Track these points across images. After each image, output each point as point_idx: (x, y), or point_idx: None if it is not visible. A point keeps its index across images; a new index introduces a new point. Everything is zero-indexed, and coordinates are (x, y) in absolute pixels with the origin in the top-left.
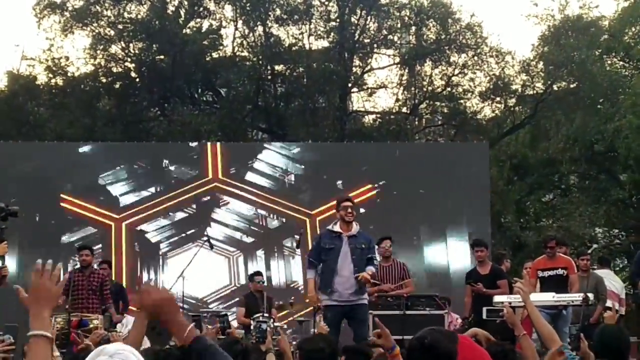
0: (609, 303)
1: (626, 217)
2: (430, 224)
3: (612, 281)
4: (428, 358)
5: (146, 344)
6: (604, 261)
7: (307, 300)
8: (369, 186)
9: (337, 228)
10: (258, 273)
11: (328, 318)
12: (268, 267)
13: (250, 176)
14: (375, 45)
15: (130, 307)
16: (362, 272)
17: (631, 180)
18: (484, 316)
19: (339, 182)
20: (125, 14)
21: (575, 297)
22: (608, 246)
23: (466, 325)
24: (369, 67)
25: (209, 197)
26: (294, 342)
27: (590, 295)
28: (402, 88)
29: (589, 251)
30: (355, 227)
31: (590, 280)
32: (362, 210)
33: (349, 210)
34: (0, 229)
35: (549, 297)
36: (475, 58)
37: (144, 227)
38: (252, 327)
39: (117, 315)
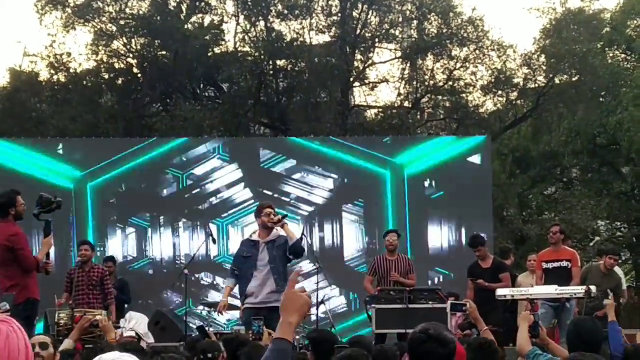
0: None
1: (628, 209)
2: (432, 219)
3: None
4: (436, 347)
5: (150, 338)
6: (602, 252)
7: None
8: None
9: (255, 237)
10: None
11: (243, 319)
12: None
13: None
14: (376, 40)
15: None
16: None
17: (633, 172)
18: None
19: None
20: (127, 10)
21: (578, 289)
22: (610, 239)
23: (468, 319)
24: (370, 61)
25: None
26: (297, 337)
27: (593, 288)
28: (403, 82)
29: (592, 244)
30: (275, 232)
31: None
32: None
33: (271, 216)
34: (47, 222)
35: (552, 290)
36: (477, 52)
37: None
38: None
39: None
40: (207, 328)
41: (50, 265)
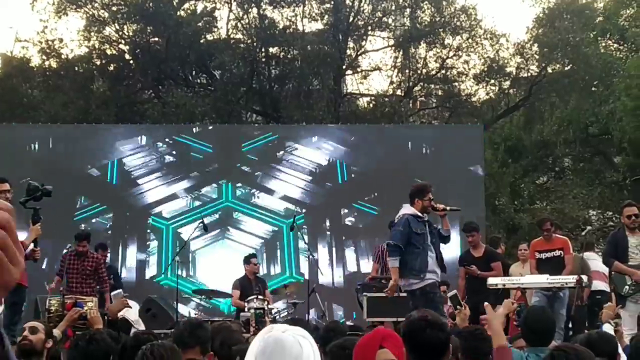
0: (602, 285)
1: (620, 199)
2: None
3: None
4: (437, 333)
5: (141, 325)
6: (589, 245)
7: (388, 290)
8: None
9: (419, 214)
10: (253, 255)
11: (438, 295)
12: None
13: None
14: (369, 28)
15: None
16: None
17: (625, 162)
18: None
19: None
20: None
21: (569, 279)
22: (602, 228)
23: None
24: (363, 49)
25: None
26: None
27: (584, 277)
28: (396, 70)
29: (583, 233)
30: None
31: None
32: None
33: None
34: (35, 210)
35: (543, 279)
36: (470, 40)
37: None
38: (248, 312)
39: (108, 301)
40: (198, 314)
41: (38, 253)
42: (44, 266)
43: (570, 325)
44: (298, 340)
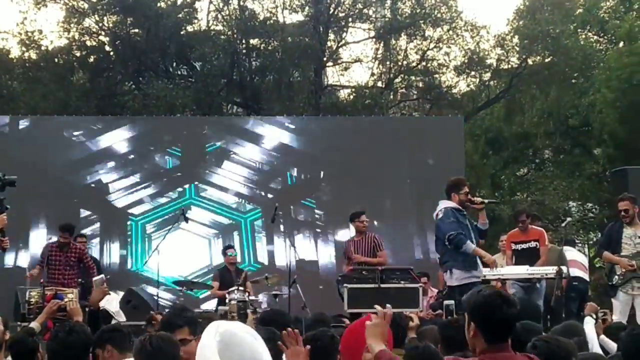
0: (579, 273)
1: (600, 191)
2: (404, 199)
3: (576, 252)
4: (513, 310)
5: (121, 317)
6: (570, 242)
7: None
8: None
9: (459, 207)
10: (230, 246)
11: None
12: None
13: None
14: (350, 19)
15: None
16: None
17: (605, 154)
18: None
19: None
20: None
21: (549, 269)
22: (582, 220)
23: (440, 298)
24: (343, 41)
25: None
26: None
27: (564, 269)
28: (377, 62)
29: (563, 225)
30: None
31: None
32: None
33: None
34: None
35: (523, 270)
36: (450, 32)
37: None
38: (228, 303)
39: None
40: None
41: (6, 242)
42: None
43: (548, 317)
44: (249, 332)
